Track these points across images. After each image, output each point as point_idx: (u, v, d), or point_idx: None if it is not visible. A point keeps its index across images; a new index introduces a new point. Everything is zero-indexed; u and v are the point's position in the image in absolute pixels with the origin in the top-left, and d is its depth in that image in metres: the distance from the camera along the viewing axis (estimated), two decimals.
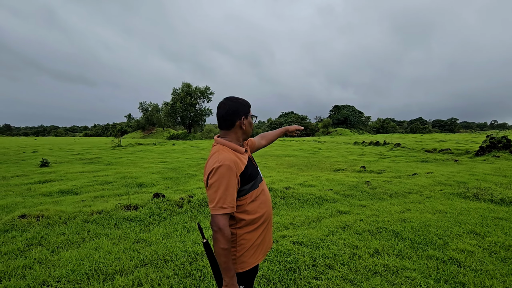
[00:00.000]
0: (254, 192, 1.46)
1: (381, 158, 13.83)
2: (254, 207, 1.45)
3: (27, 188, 6.63)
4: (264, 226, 1.51)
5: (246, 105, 1.52)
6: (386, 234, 3.63)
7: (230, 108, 1.45)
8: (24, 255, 2.91)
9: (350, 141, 29.59)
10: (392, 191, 5.99)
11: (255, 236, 1.46)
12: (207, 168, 1.36)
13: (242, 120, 1.48)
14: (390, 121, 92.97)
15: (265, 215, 1.51)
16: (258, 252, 1.48)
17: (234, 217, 1.41)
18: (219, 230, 1.27)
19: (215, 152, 1.39)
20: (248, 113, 1.52)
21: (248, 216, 1.43)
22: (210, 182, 1.30)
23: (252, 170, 1.49)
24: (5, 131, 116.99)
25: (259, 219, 1.47)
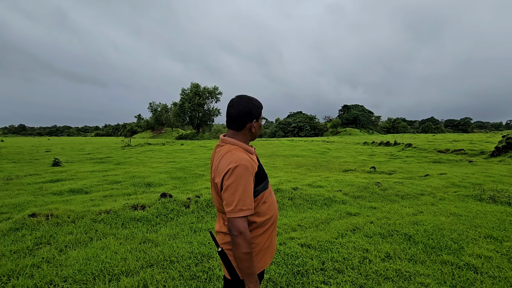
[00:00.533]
0: (265, 193, 1.41)
1: (391, 159, 13.56)
2: (264, 208, 1.40)
3: (39, 187, 6.75)
4: (272, 228, 1.46)
5: (259, 107, 1.45)
6: (398, 237, 3.51)
7: (243, 109, 1.38)
8: (33, 254, 2.94)
9: (359, 141, 29.17)
10: (403, 192, 5.83)
11: (264, 239, 1.41)
12: (221, 169, 1.27)
13: (253, 123, 1.42)
14: (401, 120, 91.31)
15: (273, 217, 1.46)
16: (266, 255, 1.44)
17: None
18: (240, 234, 1.20)
19: (227, 152, 1.31)
20: (260, 116, 1.45)
21: (258, 218, 1.37)
22: (226, 184, 1.22)
23: (263, 170, 1.44)
24: (20, 131, 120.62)
25: (268, 221, 1.42)
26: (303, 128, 76.24)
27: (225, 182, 1.23)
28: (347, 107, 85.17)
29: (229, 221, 1.23)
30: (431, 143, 20.78)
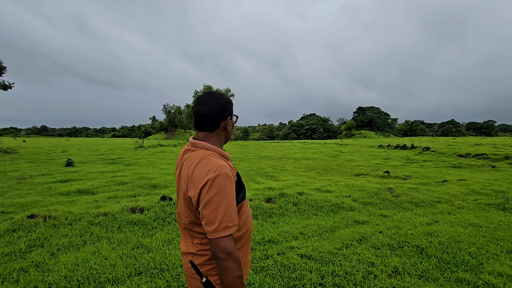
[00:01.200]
0: (243, 204, 1.24)
1: (407, 163, 12.99)
2: (241, 221, 1.21)
3: (48, 187, 6.85)
4: (247, 242, 1.29)
5: (231, 103, 1.30)
6: (409, 250, 3.22)
7: (216, 106, 1.20)
8: (24, 257, 2.88)
9: (374, 144, 28.35)
10: (418, 199, 5.46)
11: (240, 255, 1.23)
12: (197, 179, 1.05)
13: (228, 120, 1.25)
14: (419, 123, 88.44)
15: (249, 230, 1.28)
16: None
17: None
18: (229, 255, 1.00)
19: (202, 158, 1.11)
20: (232, 112, 1.30)
21: (236, 232, 1.17)
22: (206, 198, 1.02)
23: (240, 178, 1.26)
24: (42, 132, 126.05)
25: (244, 235, 1.25)
26: (316, 130, 75.28)
27: (204, 196, 1.03)
28: (362, 109, 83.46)
29: (212, 242, 1.02)
30: (451, 146, 19.85)
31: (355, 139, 54.79)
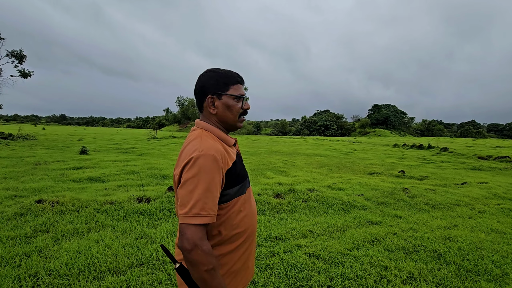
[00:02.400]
0: (240, 199, 1.07)
1: (424, 163, 12.50)
2: (237, 219, 1.06)
3: (61, 173, 6.96)
4: (246, 246, 1.12)
5: (222, 78, 1.06)
6: (425, 254, 3.00)
7: (197, 83, 1.08)
8: (28, 242, 2.87)
9: (389, 143, 27.57)
10: (435, 201, 5.17)
11: (233, 259, 1.07)
12: (183, 157, 0.97)
13: (209, 100, 1.06)
14: (436, 123, 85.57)
15: (248, 231, 1.11)
16: (236, 280, 1.10)
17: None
18: (195, 247, 0.87)
19: (196, 137, 1.01)
20: (223, 91, 1.06)
21: (226, 230, 1.03)
22: (185, 177, 0.92)
23: (241, 169, 1.11)
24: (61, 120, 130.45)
25: (240, 236, 1.08)
26: (330, 127, 74.17)
27: (184, 175, 0.93)
28: (377, 107, 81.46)
29: (180, 230, 0.90)
30: (470, 148, 19.00)
31: (369, 137, 53.58)
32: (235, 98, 1.08)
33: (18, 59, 20.66)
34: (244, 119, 1.14)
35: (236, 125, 1.12)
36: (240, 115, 1.11)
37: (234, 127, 1.12)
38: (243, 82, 1.12)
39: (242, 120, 1.13)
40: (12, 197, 4.66)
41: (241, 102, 1.10)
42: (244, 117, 1.14)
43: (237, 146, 1.21)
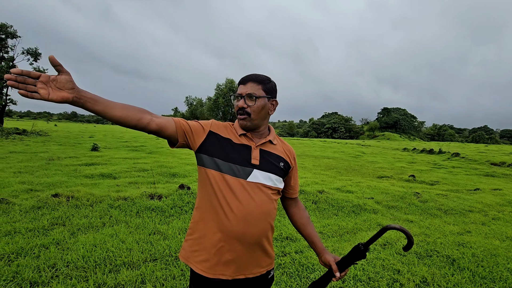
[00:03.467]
0: (213, 174, 1.10)
1: (434, 168, 12.30)
2: (206, 191, 1.13)
3: (74, 169, 7.12)
4: (215, 228, 1.09)
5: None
6: (438, 259, 2.97)
7: None
8: (46, 234, 2.95)
9: (399, 147, 27.22)
10: (447, 206, 5.09)
11: (206, 230, 1.11)
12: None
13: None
14: (448, 128, 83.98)
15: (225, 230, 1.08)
16: (203, 254, 1.09)
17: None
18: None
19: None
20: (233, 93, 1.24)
21: (199, 193, 1.17)
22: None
23: (231, 152, 1.13)
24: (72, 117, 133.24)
25: (206, 211, 1.12)
26: (338, 129, 73.63)
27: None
28: (387, 110, 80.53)
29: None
30: (483, 154, 18.59)
31: (378, 140, 52.97)
32: (233, 98, 1.20)
33: (34, 56, 21.24)
34: (243, 117, 1.15)
35: (238, 122, 1.20)
36: (237, 112, 1.18)
37: (241, 121, 1.18)
38: (244, 82, 1.17)
39: (239, 118, 1.16)
40: (28, 190, 4.79)
41: (237, 101, 1.17)
42: (243, 115, 1.14)
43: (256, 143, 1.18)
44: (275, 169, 1.18)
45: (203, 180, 1.14)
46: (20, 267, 2.28)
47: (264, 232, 1.13)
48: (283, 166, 1.21)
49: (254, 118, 1.15)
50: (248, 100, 1.13)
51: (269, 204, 1.14)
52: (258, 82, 1.15)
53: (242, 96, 1.14)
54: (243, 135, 1.18)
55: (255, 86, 1.15)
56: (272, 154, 1.20)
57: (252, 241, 1.10)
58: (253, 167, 1.13)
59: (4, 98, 20.27)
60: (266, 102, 1.16)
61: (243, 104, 1.13)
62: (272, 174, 1.16)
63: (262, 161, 1.15)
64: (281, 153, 1.23)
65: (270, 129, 1.27)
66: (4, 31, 19.34)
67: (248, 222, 1.08)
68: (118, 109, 0.95)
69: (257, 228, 1.10)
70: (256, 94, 1.13)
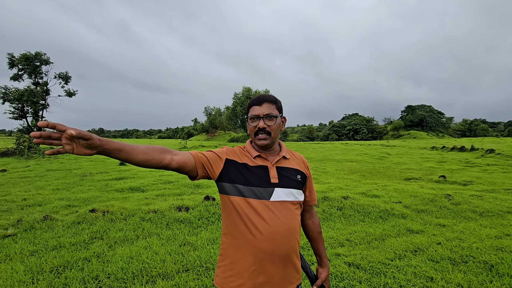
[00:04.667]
0: (238, 200, 1.14)
1: (467, 167, 11.65)
2: (232, 217, 1.17)
3: (105, 184, 7.55)
4: (250, 251, 1.12)
5: (248, 105, 1.28)
6: (475, 265, 2.84)
7: None
8: (87, 248, 3.18)
9: (426, 145, 26.05)
10: (483, 208, 4.83)
11: (237, 256, 1.14)
12: None
13: (247, 122, 1.28)
14: (479, 122, 79.09)
15: (254, 253, 1.12)
16: (237, 280, 1.13)
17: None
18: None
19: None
20: (247, 115, 1.27)
21: (225, 220, 1.21)
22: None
23: (250, 175, 1.17)
24: (100, 133, 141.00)
25: (233, 236, 1.17)
26: (359, 131, 71.76)
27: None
28: (411, 108, 77.46)
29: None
30: None
31: (404, 140, 50.97)
32: (249, 119, 1.24)
33: (64, 80, 22.84)
34: (264, 137, 1.19)
35: (255, 142, 1.24)
36: (256, 134, 1.21)
37: (256, 144, 1.25)
38: (258, 103, 1.21)
39: (259, 138, 1.20)
40: (66, 206, 5.16)
41: (256, 122, 1.20)
42: (264, 134, 1.19)
43: (273, 160, 1.24)
44: (294, 183, 1.23)
45: (227, 207, 1.19)
46: (68, 279, 2.49)
47: (293, 248, 1.18)
48: (301, 178, 1.26)
49: (274, 136, 1.21)
50: (267, 120, 1.19)
51: (294, 220, 1.19)
52: (272, 102, 1.22)
53: (260, 117, 1.19)
54: (258, 156, 1.23)
55: (271, 106, 1.21)
56: (289, 169, 1.24)
57: (282, 260, 1.15)
58: (273, 186, 1.17)
59: (40, 120, 21.91)
60: (280, 120, 1.24)
61: (263, 124, 1.18)
62: (293, 189, 1.21)
63: (281, 178, 1.20)
64: (296, 166, 1.28)
65: (281, 144, 1.31)
66: (39, 59, 21.07)
67: (277, 241, 1.12)
68: (140, 154, 1.00)
69: (286, 246, 1.14)
70: (273, 114, 1.19)
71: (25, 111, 21.18)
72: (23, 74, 21.29)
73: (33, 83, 21.65)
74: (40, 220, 3.91)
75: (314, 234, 1.38)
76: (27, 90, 20.28)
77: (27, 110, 21.21)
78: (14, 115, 20.91)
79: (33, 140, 0.82)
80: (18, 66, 20.83)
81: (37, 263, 2.79)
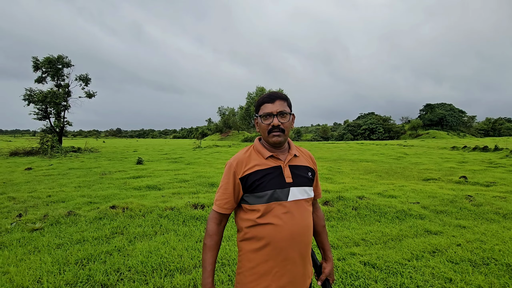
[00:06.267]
0: (262, 209, 1.15)
1: (490, 167, 11.17)
2: (259, 231, 1.15)
3: (123, 182, 7.80)
4: (271, 254, 1.14)
5: (257, 102, 1.27)
6: (497, 268, 2.75)
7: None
8: (108, 242, 3.33)
9: (446, 145, 25.16)
10: (506, 210, 4.65)
11: (256, 259, 1.15)
12: None
13: (254, 121, 1.32)
14: (504, 121, 75.41)
15: (272, 244, 1.14)
16: (260, 283, 1.14)
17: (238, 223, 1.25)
18: (207, 222, 1.23)
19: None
20: (257, 113, 1.25)
21: (248, 229, 1.18)
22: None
23: (267, 180, 1.17)
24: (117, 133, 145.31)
25: (265, 248, 1.15)
26: (375, 130, 70.18)
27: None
28: (430, 106, 74.95)
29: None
30: None
31: (422, 139, 49.42)
32: (262, 117, 1.21)
33: (85, 82, 23.68)
34: (278, 134, 1.19)
35: (268, 140, 1.22)
36: (269, 131, 1.20)
37: (269, 142, 1.23)
38: (271, 101, 1.19)
39: (274, 135, 1.19)
40: (88, 203, 5.38)
41: (269, 119, 1.19)
42: (278, 132, 1.18)
43: (285, 159, 1.24)
44: (306, 181, 1.24)
45: (246, 216, 1.19)
46: (91, 271, 2.62)
47: (309, 245, 1.22)
48: (311, 175, 1.28)
49: (287, 133, 1.22)
50: (280, 117, 1.18)
51: (309, 217, 1.23)
52: (283, 99, 1.21)
53: (273, 114, 1.18)
54: (270, 157, 1.22)
55: (283, 103, 1.20)
56: (300, 167, 1.25)
57: (302, 258, 1.18)
58: (289, 185, 1.19)
59: (62, 121, 22.83)
60: (291, 117, 1.24)
61: (277, 122, 1.17)
62: (306, 187, 1.23)
63: (294, 177, 1.21)
64: (306, 163, 1.29)
65: (289, 142, 1.31)
66: (61, 61, 21.94)
67: (296, 241, 1.15)
68: (216, 252, 1.21)
69: (303, 243, 1.18)
70: (286, 111, 1.19)
71: (48, 112, 22.13)
72: (46, 76, 22.27)
73: (56, 85, 22.59)
74: (65, 215, 4.12)
75: (318, 227, 1.40)
76: (50, 92, 21.20)
77: (50, 111, 22.16)
78: (38, 116, 21.90)
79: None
80: (42, 69, 21.80)
81: (63, 255, 2.94)
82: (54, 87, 22.47)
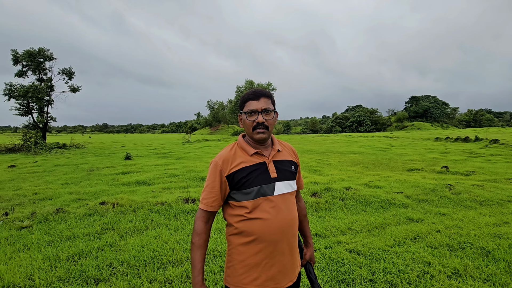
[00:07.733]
0: (249, 205, 1.19)
1: (470, 157, 11.67)
2: (248, 225, 1.19)
3: (112, 178, 7.73)
4: (260, 247, 1.19)
5: (241, 99, 1.28)
6: (472, 251, 2.95)
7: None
8: (99, 238, 3.34)
9: (430, 136, 25.93)
10: (483, 198, 4.92)
11: (248, 252, 1.19)
12: None
13: (238, 118, 1.30)
14: (485, 112, 78.13)
15: (261, 239, 1.19)
16: (251, 275, 1.19)
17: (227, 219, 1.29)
18: (194, 222, 1.25)
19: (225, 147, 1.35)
20: (241, 109, 1.27)
21: (238, 224, 1.21)
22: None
23: (253, 177, 1.20)
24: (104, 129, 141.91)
25: (254, 243, 1.19)
26: (363, 122, 71.39)
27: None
28: (415, 99, 76.72)
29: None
30: None
31: (407, 131, 50.67)
32: (247, 114, 1.23)
33: (68, 76, 22.96)
34: (262, 131, 1.21)
35: (253, 137, 1.24)
36: (254, 128, 1.22)
37: (253, 139, 1.25)
38: (256, 98, 1.22)
39: (258, 132, 1.21)
40: (76, 200, 5.34)
41: (254, 116, 1.21)
42: (262, 129, 1.21)
43: (269, 155, 1.27)
44: (290, 175, 1.30)
45: (234, 211, 1.22)
46: (84, 266, 2.65)
47: (296, 235, 1.30)
48: (294, 168, 1.34)
49: (271, 130, 1.26)
50: (265, 114, 1.21)
51: (295, 209, 1.30)
52: (268, 97, 1.24)
53: (258, 111, 1.21)
54: (255, 154, 1.25)
55: (268, 101, 1.23)
56: (284, 162, 1.30)
57: (289, 248, 1.25)
58: (274, 180, 1.23)
59: (45, 116, 22.14)
60: (275, 114, 1.28)
61: (262, 119, 1.20)
62: (290, 181, 1.29)
63: (279, 172, 1.26)
64: (289, 157, 1.35)
65: (272, 137, 1.34)
66: (42, 54, 21.15)
67: (284, 233, 1.21)
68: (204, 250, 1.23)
69: (291, 234, 1.24)
70: (270, 108, 1.23)
71: (31, 107, 21.41)
72: (27, 70, 21.44)
73: (38, 79, 21.81)
74: (53, 212, 4.09)
75: (301, 217, 1.47)
76: (31, 87, 20.46)
77: (32, 106, 21.44)
78: (20, 112, 21.16)
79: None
80: (22, 63, 20.96)
81: (54, 252, 2.95)
82: (36, 81, 21.68)
